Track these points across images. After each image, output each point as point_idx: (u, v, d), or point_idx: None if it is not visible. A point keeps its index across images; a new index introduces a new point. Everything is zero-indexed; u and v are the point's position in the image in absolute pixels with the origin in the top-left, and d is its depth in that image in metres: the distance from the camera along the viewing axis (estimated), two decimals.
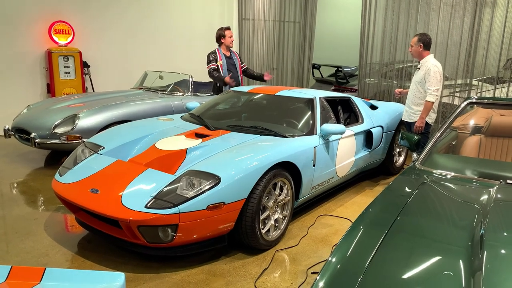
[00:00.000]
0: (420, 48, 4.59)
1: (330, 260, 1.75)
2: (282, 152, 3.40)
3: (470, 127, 3.45)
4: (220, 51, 5.85)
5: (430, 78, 4.46)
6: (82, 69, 7.44)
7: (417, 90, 4.65)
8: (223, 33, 5.82)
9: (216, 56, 5.79)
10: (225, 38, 5.81)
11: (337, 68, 8.28)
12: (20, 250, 3.26)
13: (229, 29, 5.88)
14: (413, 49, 4.65)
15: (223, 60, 5.80)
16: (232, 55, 5.99)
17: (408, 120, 4.80)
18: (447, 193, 2.46)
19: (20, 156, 5.85)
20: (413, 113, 4.72)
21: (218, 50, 5.86)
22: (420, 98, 4.63)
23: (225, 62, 5.82)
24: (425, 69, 4.52)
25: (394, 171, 5.32)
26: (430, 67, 4.48)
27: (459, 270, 1.61)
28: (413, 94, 4.71)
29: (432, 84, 4.45)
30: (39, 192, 4.53)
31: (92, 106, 5.42)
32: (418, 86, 4.64)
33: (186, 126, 4.08)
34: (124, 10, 8.06)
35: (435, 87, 4.45)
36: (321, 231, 3.74)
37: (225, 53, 5.87)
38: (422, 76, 4.54)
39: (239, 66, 6.01)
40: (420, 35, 4.64)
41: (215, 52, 5.83)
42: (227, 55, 5.89)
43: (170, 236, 2.83)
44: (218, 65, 5.77)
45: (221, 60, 5.78)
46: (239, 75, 5.97)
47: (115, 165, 3.35)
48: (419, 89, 4.63)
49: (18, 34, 7.06)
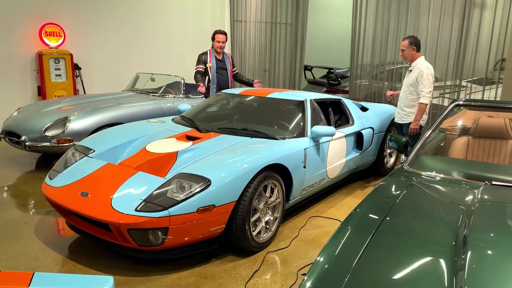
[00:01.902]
0: (413, 51, 4.62)
1: (318, 260, 1.77)
2: (272, 154, 3.41)
3: (458, 128, 3.50)
4: (212, 53, 5.74)
5: (423, 80, 4.49)
6: (73, 72, 7.41)
7: (409, 92, 4.69)
8: (213, 36, 5.73)
9: (206, 58, 5.69)
10: (214, 41, 5.72)
11: (329, 69, 8.33)
12: (10, 254, 3.25)
13: (221, 33, 5.71)
14: (406, 53, 4.66)
15: (213, 63, 5.68)
16: (225, 59, 5.85)
17: (401, 122, 4.83)
18: (434, 194, 2.50)
19: (10, 159, 5.82)
20: (405, 115, 4.75)
21: (210, 51, 5.75)
22: (412, 100, 4.67)
23: (215, 65, 5.69)
24: (418, 71, 4.55)
25: (385, 172, 5.35)
26: (423, 69, 4.52)
27: (442, 270, 1.64)
28: (405, 96, 4.74)
29: (426, 86, 4.49)
30: (30, 196, 4.51)
31: (83, 109, 5.41)
32: (410, 88, 4.67)
33: (177, 129, 4.09)
34: (115, 12, 8.04)
35: (428, 89, 4.49)
36: (312, 233, 3.76)
37: (216, 55, 5.75)
38: (415, 78, 4.58)
39: (230, 70, 5.88)
40: (411, 38, 4.67)
41: (207, 54, 5.73)
42: (218, 58, 5.76)
43: (161, 239, 2.84)
44: (207, 67, 5.66)
45: (210, 62, 5.66)
46: (229, 79, 5.86)
47: (105, 168, 3.34)
48: (411, 91, 4.66)
49: (9, 36, 7.02)
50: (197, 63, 5.71)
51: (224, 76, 5.78)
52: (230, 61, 5.91)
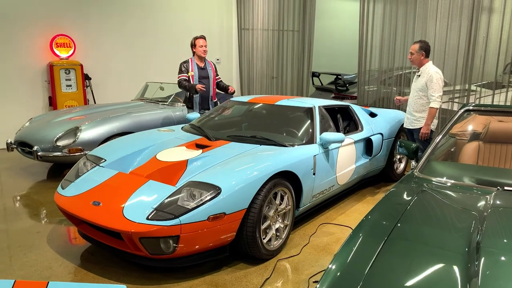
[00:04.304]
0: (421, 56, 4.60)
1: (330, 267, 1.77)
2: (282, 161, 3.42)
3: (469, 133, 3.47)
4: (193, 61, 5.50)
5: (433, 85, 4.48)
6: (83, 82, 7.50)
7: (418, 97, 4.66)
8: (193, 42, 5.48)
9: (188, 66, 5.46)
10: (195, 48, 5.46)
11: (337, 75, 8.33)
12: (23, 263, 3.29)
13: (202, 38, 5.49)
14: (414, 57, 4.65)
15: (195, 71, 5.45)
16: (207, 66, 5.58)
17: (411, 127, 4.80)
18: (445, 200, 2.48)
19: (23, 169, 5.89)
20: (415, 120, 4.73)
21: (191, 59, 5.52)
22: (422, 105, 4.65)
23: (197, 73, 5.46)
24: (427, 76, 4.54)
25: (395, 178, 5.33)
26: (432, 73, 4.50)
27: (456, 277, 1.62)
28: (415, 101, 4.71)
29: (436, 91, 4.47)
30: (42, 205, 4.56)
31: (94, 119, 5.47)
32: (419, 93, 4.64)
33: (187, 137, 4.12)
34: (124, 23, 8.15)
35: (438, 93, 4.48)
36: (322, 240, 3.75)
37: (198, 63, 5.51)
38: (424, 83, 4.56)
39: (213, 78, 5.60)
40: (421, 43, 4.65)
41: (188, 62, 5.50)
42: (200, 66, 5.52)
43: (172, 247, 2.85)
44: (189, 75, 5.43)
45: (192, 71, 5.43)
46: (211, 88, 5.59)
47: (117, 177, 3.38)
48: (420, 96, 4.63)
49: (20, 48, 7.15)
50: (179, 72, 5.47)
51: (207, 85, 5.49)
52: (213, 69, 5.66)
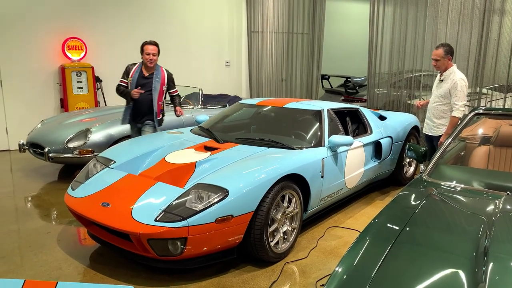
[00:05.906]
0: (448, 60, 4.36)
1: (336, 270, 1.77)
2: (290, 164, 3.42)
3: (479, 137, 3.44)
4: (139, 67, 4.78)
5: (457, 92, 4.27)
6: (94, 84, 7.58)
7: (440, 103, 4.48)
8: (141, 48, 4.73)
9: (130, 70, 4.77)
10: (143, 54, 4.71)
11: (346, 78, 8.30)
12: (33, 263, 3.33)
13: (151, 44, 4.69)
14: (440, 63, 4.38)
15: (134, 77, 4.72)
16: (154, 76, 4.77)
17: (430, 133, 4.66)
18: (454, 204, 2.46)
19: (34, 170, 5.97)
20: (435, 126, 4.58)
21: (138, 64, 4.81)
22: (443, 111, 4.47)
23: (135, 81, 4.71)
24: (451, 82, 4.33)
25: (404, 181, 5.29)
26: (457, 80, 4.29)
27: (462, 282, 1.61)
28: (435, 107, 4.54)
29: (460, 99, 4.27)
30: (52, 206, 4.62)
31: (104, 121, 5.53)
32: (441, 99, 4.45)
33: (196, 139, 4.14)
34: (136, 27, 8.22)
35: (462, 102, 4.26)
36: (330, 243, 3.74)
37: (144, 71, 4.76)
38: (447, 89, 4.35)
39: (159, 91, 4.80)
40: (445, 47, 4.37)
41: (134, 66, 4.81)
42: (144, 74, 4.76)
43: (180, 249, 2.87)
44: (128, 81, 4.75)
45: (131, 77, 4.73)
46: (154, 102, 4.78)
47: (126, 179, 3.41)
48: (442, 102, 4.45)
49: (33, 50, 7.26)
50: (122, 75, 4.82)
51: (146, 97, 4.74)
52: (163, 81, 4.84)
